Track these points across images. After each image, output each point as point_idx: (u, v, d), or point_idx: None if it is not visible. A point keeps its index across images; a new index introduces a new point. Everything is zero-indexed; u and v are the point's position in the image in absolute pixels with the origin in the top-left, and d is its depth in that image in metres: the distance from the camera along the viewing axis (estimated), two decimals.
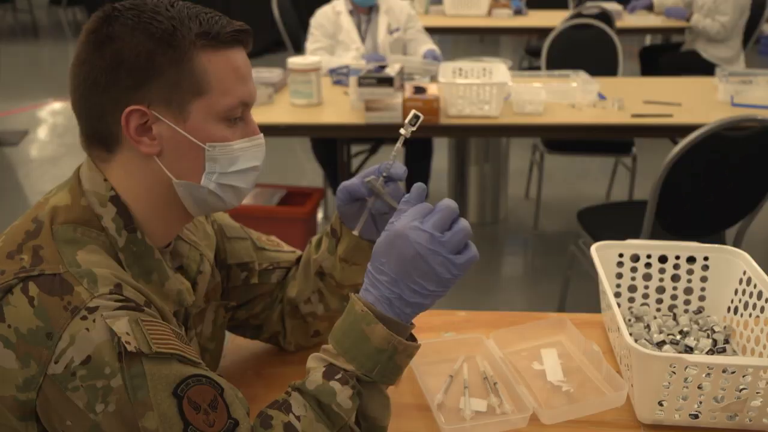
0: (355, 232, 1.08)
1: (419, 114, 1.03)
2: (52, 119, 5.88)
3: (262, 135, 1.01)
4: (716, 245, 1.36)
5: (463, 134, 3.42)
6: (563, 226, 3.85)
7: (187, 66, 0.91)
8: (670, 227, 2.39)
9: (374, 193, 1.05)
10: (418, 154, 3.67)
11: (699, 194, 2.33)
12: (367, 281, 0.94)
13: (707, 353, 1.26)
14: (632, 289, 1.40)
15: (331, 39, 3.67)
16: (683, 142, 2.20)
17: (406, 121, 1.04)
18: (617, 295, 1.39)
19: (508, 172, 3.96)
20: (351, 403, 0.91)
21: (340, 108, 3.06)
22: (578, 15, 4.37)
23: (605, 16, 4.40)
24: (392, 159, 1.04)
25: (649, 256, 1.38)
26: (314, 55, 3.58)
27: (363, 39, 3.67)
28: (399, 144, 1.03)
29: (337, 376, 0.91)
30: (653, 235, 2.41)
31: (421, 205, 0.95)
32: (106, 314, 0.85)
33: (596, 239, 2.63)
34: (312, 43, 3.67)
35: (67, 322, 0.84)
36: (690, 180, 2.27)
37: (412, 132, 1.04)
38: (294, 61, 3.08)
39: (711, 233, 2.49)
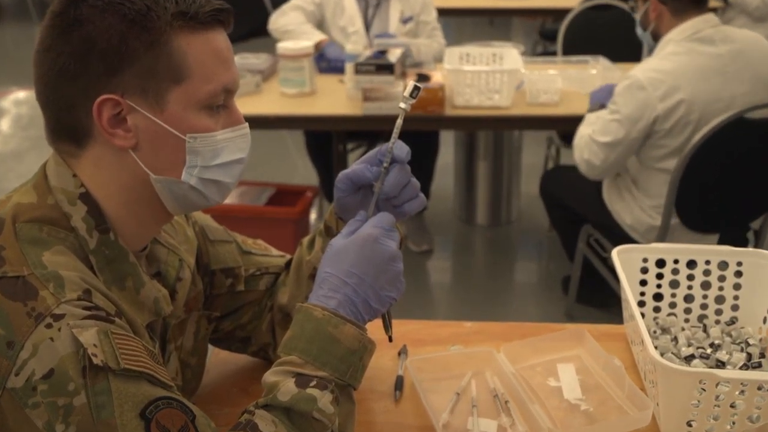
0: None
1: (419, 85, 1.03)
2: (16, 110, 5.88)
3: (247, 124, 1.02)
4: (750, 249, 1.36)
5: (471, 126, 3.42)
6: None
7: (163, 50, 0.91)
8: (690, 222, 2.40)
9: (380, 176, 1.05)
10: (422, 151, 3.66)
11: (722, 184, 2.34)
12: (327, 286, 0.98)
13: (741, 368, 1.26)
14: (658, 297, 1.40)
15: (320, 10, 3.53)
16: (704, 129, 2.21)
17: (405, 93, 1.04)
18: (641, 304, 1.39)
19: (520, 169, 3.96)
20: (333, 408, 0.93)
21: (335, 98, 3.06)
22: None
23: None
24: (394, 138, 1.04)
25: (676, 261, 1.38)
26: (287, 14, 3.47)
27: (368, 28, 3.53)
28: (399, 120, 1.04)
29: (312, 383, 0.93)
30: (673, 232, 2.42)
31: (385, 214, 1.02)
32: (72, 323, 0.85)
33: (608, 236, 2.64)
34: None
35: (31, 330, 0.84)
36: (712, 169, 2.28)
37: (413, 118, 1.04)
38: (284, 45, 3.08)
39: (735, 227, 2.51)
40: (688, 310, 1.40)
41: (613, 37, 3.87)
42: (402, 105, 1.04)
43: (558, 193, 2.93)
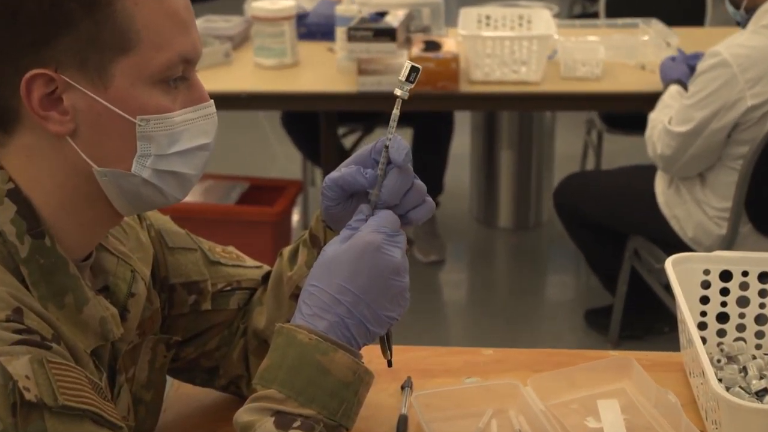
0: None
1: (417, 66, 1.03)
2: None
3: (212, 102, 1.02)
4: None
5: (492, 106, 3.42)
6: None
7: (106, 12, 0.92)
8: (764, 226, 2.40)
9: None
10: (432, 137, 3.65)
11: None
12: (315, 304, 0.98)
13: None
14: (722, 318, 1.40)
15: None
16: None
17: (401, 77, 1.04)
18: (702, 326, 1.40)
19: (553, 159, 3.96)
20: None
21: (322, 70, 3.06)
22: None
23: None
24: (390, 133, 1.04)
25: (745, 274, 1.38)
26: None
27: None
28: (396, 111, 1.04)
29: (296, 424, 0.93)
30: (744, 240, 2.42)
31: (388, 214, 1.02)
32: (0, 350, 0.85)
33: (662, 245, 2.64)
34: None
35: None
36: None
37: (410, 91, 1.03)
38: (259, 6, 3.08)
39: None
40: (760, 334, 1.41)
41: None
42: (397, 92, 1.04)
43: (583, 206, 2.92)
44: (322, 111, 3.28)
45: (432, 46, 2.99)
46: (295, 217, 3.80)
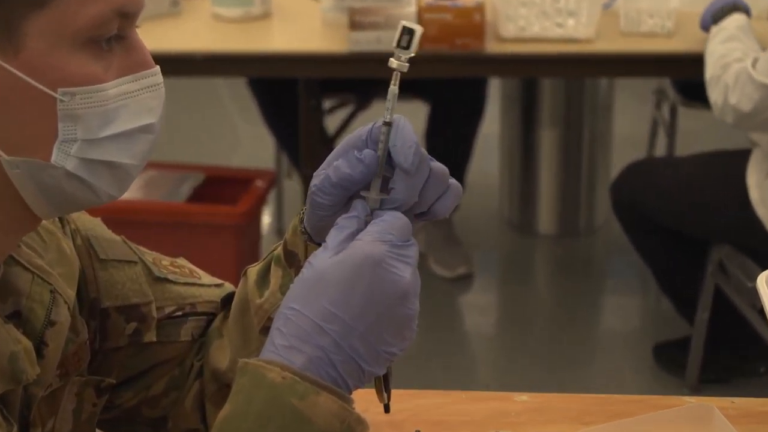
0: None
1: (412, 26, 1.03)
2: None
3: (158, 69, 1.03)
4: None
5: (529, 71, 3.42)
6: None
7: None
8: None
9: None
10: (454, 117, 3.64)
11: None
12: (291, 332, 0.96)
13: None
14: None
15: None
16: None
17: (394, 43, 1.03)
18: None
19: (611, 142, 3.96)
20: None
21: (303, 25, 3.07)
22: None
23: None
24: (387, 117, 1.04)
25: None
26: None
27: None
28: (393, 86, 1.04)
29: None
30: None
31: (396, 216, 1.00)
32: None
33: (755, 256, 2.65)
34: None
35: None
36: None
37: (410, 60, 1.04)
38: None
39: None
40: None
41: None
42: (393, 63, 1.03)
43: (651, 205, 2.93)
44: (301, 78, 3.28)
45: None
46: (266, 219, 3.81)
